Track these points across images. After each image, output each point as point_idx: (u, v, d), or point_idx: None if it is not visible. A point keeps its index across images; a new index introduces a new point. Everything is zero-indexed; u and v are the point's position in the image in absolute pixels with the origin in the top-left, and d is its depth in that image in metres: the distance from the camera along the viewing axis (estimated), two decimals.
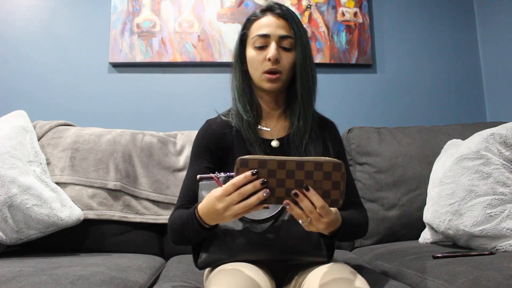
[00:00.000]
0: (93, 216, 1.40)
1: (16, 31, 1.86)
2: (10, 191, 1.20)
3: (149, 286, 1.05)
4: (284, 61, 0.98)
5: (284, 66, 0.98)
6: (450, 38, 2.09)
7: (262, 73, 0.99)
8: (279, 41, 0.98)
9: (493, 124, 1.38)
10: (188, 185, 0.99)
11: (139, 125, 1.80)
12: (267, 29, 0.98)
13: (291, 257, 0.88)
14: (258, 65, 0.99)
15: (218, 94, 1.89)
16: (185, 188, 1.00)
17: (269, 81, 0.98)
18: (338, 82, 1.98)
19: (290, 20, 0.98)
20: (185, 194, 0.99)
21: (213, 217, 0.79)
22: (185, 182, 1.01)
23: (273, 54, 0.96)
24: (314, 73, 1.02)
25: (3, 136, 1.31)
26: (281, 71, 0.98)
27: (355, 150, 1.65)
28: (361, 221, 0.99)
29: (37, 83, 1.84)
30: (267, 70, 0.97)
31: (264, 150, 0.99)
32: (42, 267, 1.00)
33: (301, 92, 0.99)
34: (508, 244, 1.09)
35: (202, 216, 0.81)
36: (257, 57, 0.99)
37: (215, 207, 0.75)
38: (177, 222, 0.90)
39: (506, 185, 1.15)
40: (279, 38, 0.98)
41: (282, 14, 0.99)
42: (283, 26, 0.98)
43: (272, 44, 0.97)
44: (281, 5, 1.01)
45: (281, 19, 0.99)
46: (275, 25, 0.98)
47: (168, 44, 1.89)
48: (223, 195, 0.73)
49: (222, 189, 0.74)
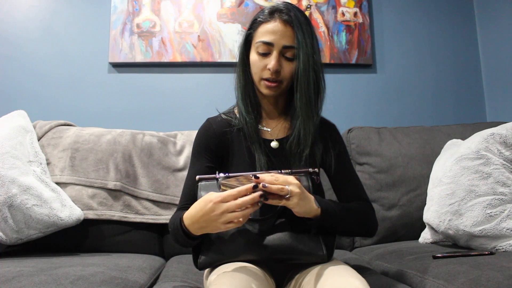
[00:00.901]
0: (93, 216, 1.40)
1: (16, 31, 1.86)
2: (10, 191, 1.20)
3: (149, 286, 1.05)
4: (285, 70, 0.96)
5: (284, 75, 0.97)
6: (450, 38, 2.09)
7: (261, 79, 0.98)
8: (283, 51, 0.95)
9: (493, 124, 1.38)
10: (190, 185, 0.99)
11: (139, 125, 1.80)
12: (272, 37, 0.95)
13: (291, 257, 0.88)
14: (258, 70, 0.98)
15: (218, 94, 1.89)
16: (186, 189, 1.00)
17: (267, 88, 0.98)
18: (338, 82, 1.98)
19: (296, 28, 0.94)
20: (187, 194, 0.99)
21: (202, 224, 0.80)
22: (186, 182, 1.01)
23: (273, 65, 0.94)
24: (319, 83, 0.98)
25: (3, 136, 1.31)
26: (281, 81, 0.97)
27: (355, 150, 1.65)
28: (358, 211, 0.97)
29: (37, 83, 1.84)
30: (266, 78, 0.97)
31: (264, 150, 0.99)
32: (42, 267, 1.00)
33: (300, 104, 0.96)
34: (508, 244, 1.09)
35: (188, 226, 0.83)
36: (258, 62, 0.97)
37: (209, 212, 0.77)
38: (172, 226, 0.91)
39: (506, 185, 1.15)
40: (283, 47, 0.95)
41: (290, 21, 0.94)
42: (289, 35, 0.95)
43: (274, 53, 0.95)
44: (290, 10, 0.96)
45: (288, 26, 0.94)
46: (281, 34, 0.94)
47: (168, 44, 1.89)
48: (221, 201, 0.76)
49: (221, 195, 0.76)
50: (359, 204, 1.00)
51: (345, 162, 1.06)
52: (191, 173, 1.01)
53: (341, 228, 0.93)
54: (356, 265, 1.22)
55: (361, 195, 1.03)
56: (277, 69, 0.95)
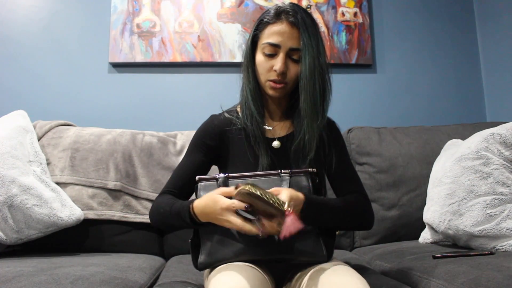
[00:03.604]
0: (93, 216, 1.40)
1: (16, 30, 1.86)
2: (10, 191, 1.20)
3: (149, 286, 1.05)
4: (291, 72, 0.97)
5: (290, 77, 0.97)
6: (450, 38, 2.09)
7: (266, 80, 0.98)
8: (289, 52, 0.95)
9: (493, 124, 1.38)
10: (180, 174, 1.02)
11: (139, 125, 1.80)
12: (279, 38, 0.95)
13: (291, 257, 0.88)
14: (264, 71, 0.98)
15: (218, 94, 1.89)
16: (176, 176, 1.02)
17: (272, 89, 0.98)
18: (338, 82, 1.98)
19: (302, 30, 0.94)
20: (175, 182, 1.01)
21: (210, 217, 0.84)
22: (177, 170, 1.03)
23: (279, 67, 0.94)
24: (324, 85, 0.98)
25: (3, 136, 1.31)
26: (287, 82, 0.97)
27: (355, 150, 1.65)
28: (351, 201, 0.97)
29: (37, 83, 1.84)
30: (272, 79, 0.97)
31: (266, 150, 0.99)
32: (42, 267, 1.00)
33: (305, 107, 0.96)
34: (508, 244, 1.09)
35: (198, 214, 0.86)
36: (264, 64, 0.97)
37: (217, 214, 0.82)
38: (165, 208, 0.93)
39: (506, 185, 1.15)
40: (289, 49, 0.95)
41: (296, 23, 0.94)
42: (296, 36, 0.94)
43: (281, 55, 0.95)
44: (297, 12, 0.96)
45: (294, 28, 0.94)
46: (287, 35, 0.94)
47: (168, 44, 1.89)
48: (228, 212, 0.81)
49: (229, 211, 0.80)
50: (353, 196, 0.99)
51: (344, 160, 1.06)
52: (184, 162, 1.04)
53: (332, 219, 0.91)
54: (356, 265, 1.22)
55: (359, 189, 1.03)
56: (283, 70, 0.95)
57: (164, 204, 0.94)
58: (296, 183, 0.92)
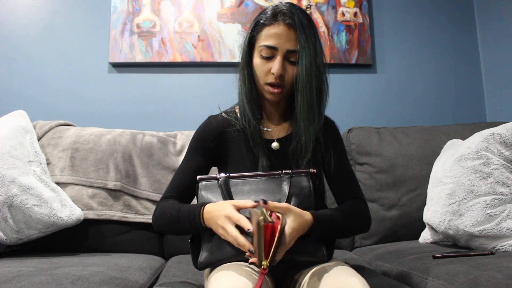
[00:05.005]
0: (93, 216, 1.40)
1: (16, 31, 1.86)
2: (10, 191, 1.20)
3: (149, 286, 1.05)
4: (289, 74, 0.96)
5: (288, 79, 0.96)
6: (450, 38, 2.09)
7: (264, 84, 0.98)
8: (287, 55, 0.95)
9: (493, 124, 1.38)
10: (181, 179, 1.01)
11: (139, 125, 1.80)
12: (276, 41, 0.94)
13: (291, 257, 0.88)
14: (261, 74, 0.97)
15: (218, 94, 1.89)
16: (177, 181, 1.01)
17: (271, 94, 0.98)
18: (338, 82, 1.98)
19: (299, 32, 0.93)
20: (176, 186, 1.00)
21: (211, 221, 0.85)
22: (177, 175, 1.02)
23: (277, 70, 0.94)
24: (321, 86, 0.97)
25: (3, 136, 1.31)
26: (285, 85, 0.97)
27: (355, 150, 1.65)
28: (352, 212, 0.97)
29: (37, 83, 1.84)
30: (270, 82, 0.96)
31: (265, 151, 0.99)
32: (42, 267, 1.00)
33: (301, 109, 0.95)
34: (508, 244, 1.09)
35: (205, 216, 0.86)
36: (262, 66, 0.97)
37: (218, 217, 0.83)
38: (172, 212, 0.92)
39: (506, 185, 1.15)
40: (287, 52, 0.94)
41: (293, 25, 0.93)
42: (293, 38, 0.93)
43: (278, 58, 0.94)
44: (293, 13, 0.94)
45: (292, 30, 0.93)
46: (284, 38, 0.93)
47: (168, 44, 1.89)
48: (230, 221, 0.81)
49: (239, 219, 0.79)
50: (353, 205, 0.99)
51: (343, 160, 1.06)
52: (183, 166, 1.03)
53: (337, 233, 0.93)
54: (356, 265, 1.22)
55: (356, 192, 1.03)
56: (281, 73, 0.95)
57: (170, 209, 0.93)
58: (297, 184, 0.92)
